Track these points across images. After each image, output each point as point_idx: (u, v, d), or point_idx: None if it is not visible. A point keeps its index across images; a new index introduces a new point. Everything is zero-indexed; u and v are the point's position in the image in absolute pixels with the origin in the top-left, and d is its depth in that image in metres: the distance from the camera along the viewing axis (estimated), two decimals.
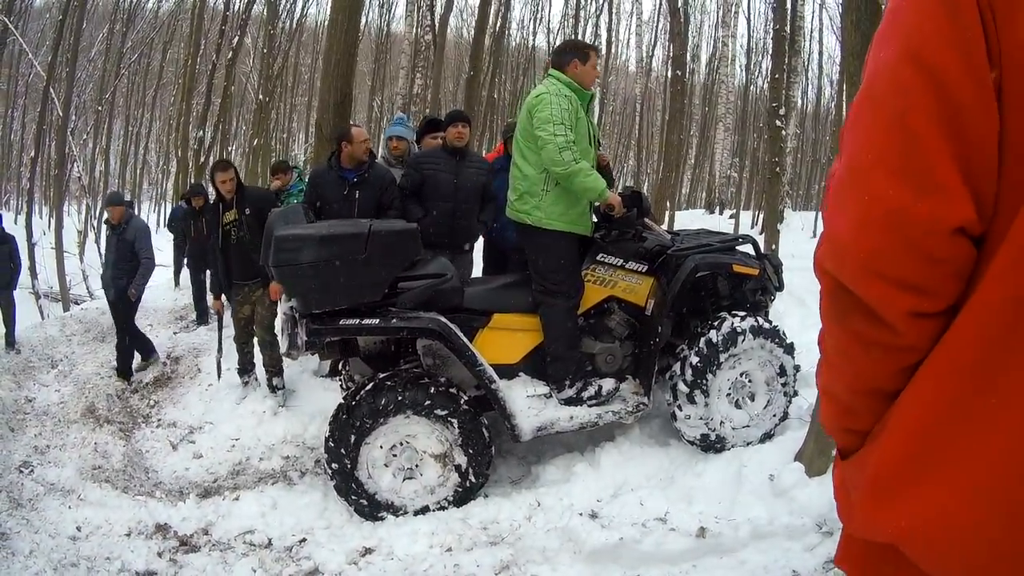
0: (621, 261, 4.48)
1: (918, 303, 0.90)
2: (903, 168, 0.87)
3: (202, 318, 9.85)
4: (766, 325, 4.39)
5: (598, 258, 4.50)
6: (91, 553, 3.97)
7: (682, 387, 4.31)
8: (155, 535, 4.19)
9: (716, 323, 4.33)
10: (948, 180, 0.85)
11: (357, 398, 4.00)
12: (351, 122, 6.23)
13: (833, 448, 3.27)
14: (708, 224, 15.71)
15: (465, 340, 4.07)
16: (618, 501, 3.90)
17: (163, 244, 19.48)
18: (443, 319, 4.03)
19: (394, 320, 3.99)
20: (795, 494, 3.59)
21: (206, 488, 4.96)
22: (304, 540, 3.99)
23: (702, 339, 4.29)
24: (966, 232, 0.87)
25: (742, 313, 4.39)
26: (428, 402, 3.99)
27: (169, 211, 19.97)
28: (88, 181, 25.71)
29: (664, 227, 13.92)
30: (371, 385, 4.02)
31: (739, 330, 4.29)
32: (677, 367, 4.36)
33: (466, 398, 4.09)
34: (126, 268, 7.77)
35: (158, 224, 31.73)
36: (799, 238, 12.41)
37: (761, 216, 15.26)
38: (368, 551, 3.75)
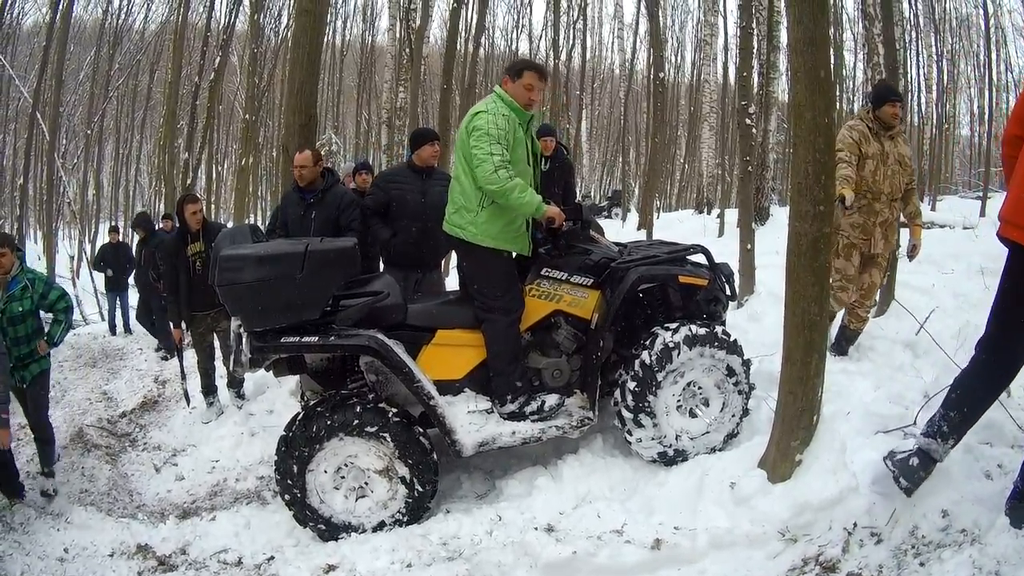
0: (566, 275, 4.39)
1: (1010, 151, 3.02)
2: (1013, 121, 3.09)
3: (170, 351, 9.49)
4: (701, 332, 4.23)
5: (542, 272, 4.42)
6: (76, 573, 4.10)
7: (626, 413, 4.21)
8: (136, 555, 4.30)
9: (648, 341, 4.22)
10: (1015, 124, 3.04)
11: (292, 429, 4.03)
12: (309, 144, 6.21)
13: (796, 453, 3.58)
14: (695, 224, 15.68)
15: (403, 357, 4.04)
16: (576, 513, 3.85)
17: None
18: (381, 336, 4.02)
19: (332, 338, 3.98)
20: (756, 502, 3.51)
21: (185, 509, 5.08)
22: (272, 558, 4.06)
23: (636, 361, 4.19)
24: (1019, 137, 2.99)
25: (673, 326, 4.26)
26: (356, 421, 3.99)
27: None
28: (80, 205, 25.79)
29: (645, 233, 13.90)
30: (302, 415, 4.06)
31: (672, 345, 4.17)
32: (618, 394, 4.26)
33: (395, 411, 4.06)
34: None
35: None
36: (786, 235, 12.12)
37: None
38: (331, 568, 3.80)
